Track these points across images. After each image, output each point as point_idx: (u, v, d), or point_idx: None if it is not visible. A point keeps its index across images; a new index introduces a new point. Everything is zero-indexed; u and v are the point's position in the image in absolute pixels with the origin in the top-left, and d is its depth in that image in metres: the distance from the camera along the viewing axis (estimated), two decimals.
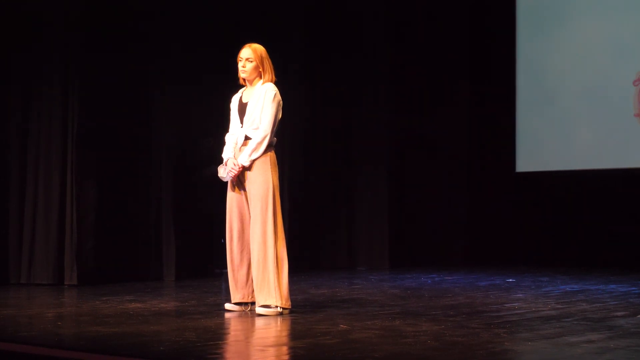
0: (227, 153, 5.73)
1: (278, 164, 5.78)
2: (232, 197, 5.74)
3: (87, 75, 7.78)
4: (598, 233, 9.44)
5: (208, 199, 9.07)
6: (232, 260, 5.74)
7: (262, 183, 5.57)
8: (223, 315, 5.58)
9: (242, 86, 5.87)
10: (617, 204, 9.35)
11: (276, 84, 5.79)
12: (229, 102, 5.94)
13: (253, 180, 5.60)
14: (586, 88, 9.34)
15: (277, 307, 5.51)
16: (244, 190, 5.67)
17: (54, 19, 7.79)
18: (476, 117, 10.24)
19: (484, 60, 10.24)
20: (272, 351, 4.38)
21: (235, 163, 5.60)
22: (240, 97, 5.81)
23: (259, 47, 5.75)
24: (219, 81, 8.95)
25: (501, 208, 10.07)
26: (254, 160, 5.59)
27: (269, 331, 5.02)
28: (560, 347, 4.36)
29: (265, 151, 5.60)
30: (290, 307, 5.61)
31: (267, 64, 5.73)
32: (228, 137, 5.82)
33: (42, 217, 7.73)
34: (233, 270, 5.75)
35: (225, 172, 5.67)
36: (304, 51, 9.68)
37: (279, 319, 5.36)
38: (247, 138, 5.65)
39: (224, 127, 5.94)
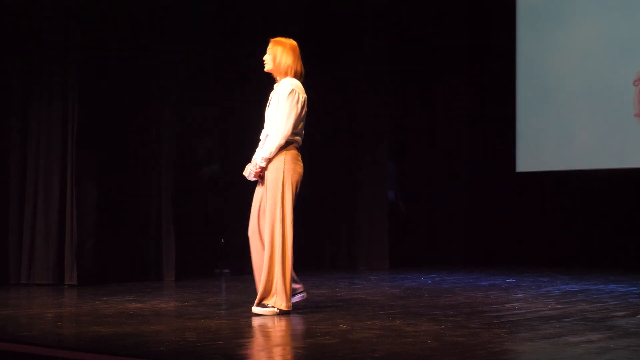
0: (257, 152, 5.71)
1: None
2: (255, 195, 5.70)
3: (86, 76, 7.77)
4: (598, 233, 9.44)
5: (208, 199, 9.08)
6: (253, 260, 5.68)
7: (273, 181, 5.53)
8: (223, 316, 5.58)
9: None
10: (617, 204, 9.35)
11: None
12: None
13: (267, 178, 5.57)
14: (586, 88, 9.34)
15: (273, 307, 5.50)
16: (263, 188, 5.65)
17: (54, 19, 7.79)
18: (476, 117, 10.24)
19: (484, 60, 10.24)
20: (272, 351, 4.38)
21: (256, 164, 5.60)
22: (271, 93, 5.77)
23: (282, 41, 5.70)
24: (218, 81, 8.98)
25: (501, 208, 10.07)
26: (270, 160, 5.55)
27: (269, 331, 5.02)
28: (560, 347, 4.36)
29: (281, 150, 5.55)
30: (290, 308, 5.53)
31: (290, 57, 5.65)
32: (263, 133, 5.77)
33: (42, 217, 7.72)
34: (254, 270, 5.68)
35: (248, 172, 5.68)
36: (303, 51, 9.66)
37: (277, 319, 5.36)
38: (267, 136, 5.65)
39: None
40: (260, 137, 5.76)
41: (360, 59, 9.77)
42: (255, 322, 5.28)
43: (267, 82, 5.92)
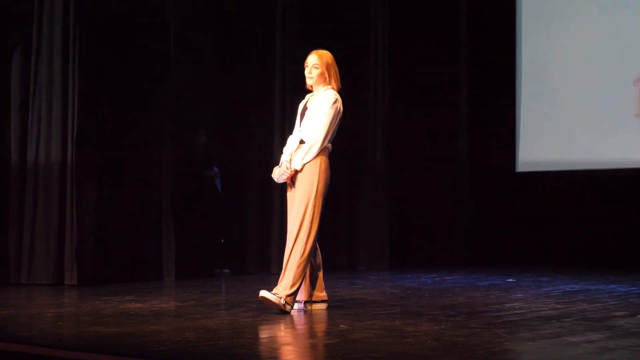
0: (284, 155, 5.84)
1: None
2: (288, 197, 5.84)
3: (86, 76, 7.77)
4: (598, 233, 9.44)
5: (208, 199, 9.07)
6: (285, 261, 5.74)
7: (307, 185, 5.66)
8: (223, 316, 5.58)
9: (309, 91, 5.94)
10: (617, 204, 9.35)
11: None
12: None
13: (300, 182, 5.70)
14: (586, 88, 9.34)
15: (280, 298, 5.54)
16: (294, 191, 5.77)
17: (54, 18, 7.78)
18: (476, 117, 10.24)
19: (484, 60, 10.24)
20: (272, 351, 4.38)
21: (288, 167, 5.71)
22: (306, 102, 5.90)
23: (325, 54, 5.83)
24: (217, 79, 8.97)
25: (501, 208, 10.08)
26: (305, 164, 5.66)
27: (270, 331, 5.02)
28: (560, 347, 4.36)
29: (317, 155, 5.66)
30: (298, 303, 5.68)
31: (333, 70, 5.81)
32: (290, 139, 5.91)
33: (42, 217, 7.71)
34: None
35: (277, 174, 5.78)
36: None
37: (278, 321, 5.36)
38: (302, 142, 5.74)
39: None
40: (288, 140, 5.90)
41: (359, 58, 9.76)
42: (256, 322, 5.28)
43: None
